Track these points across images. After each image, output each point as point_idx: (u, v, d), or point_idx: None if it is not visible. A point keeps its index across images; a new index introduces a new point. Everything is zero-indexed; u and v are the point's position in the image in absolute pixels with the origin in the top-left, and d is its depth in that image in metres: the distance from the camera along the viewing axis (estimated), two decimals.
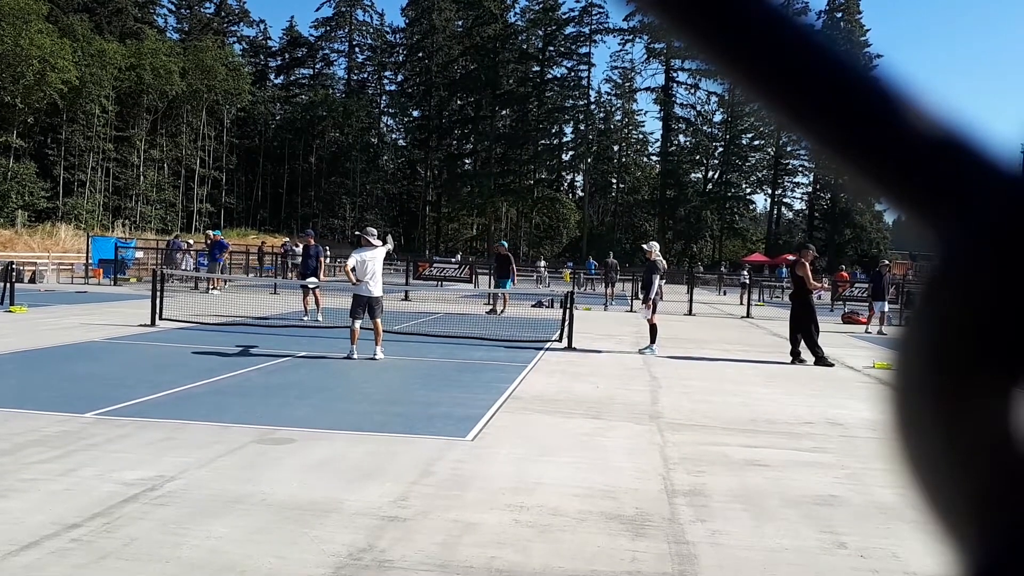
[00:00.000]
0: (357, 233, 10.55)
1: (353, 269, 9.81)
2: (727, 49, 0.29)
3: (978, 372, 0.25)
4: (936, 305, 0.27)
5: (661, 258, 11.91)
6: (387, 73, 74.48)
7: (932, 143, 0.27)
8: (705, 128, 67.59)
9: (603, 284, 26.34)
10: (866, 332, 17.60)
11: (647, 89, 69.22)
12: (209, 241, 22.83)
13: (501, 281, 18.90)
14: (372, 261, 9.83)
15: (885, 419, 0.28)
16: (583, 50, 68.64)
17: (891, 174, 0.28)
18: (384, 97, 74.02)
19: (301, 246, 17.70)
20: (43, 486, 4.31)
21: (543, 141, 69.17)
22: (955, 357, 0.26)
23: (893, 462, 0.27)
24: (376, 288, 9.81)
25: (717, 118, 67.68)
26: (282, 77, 75.40)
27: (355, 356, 9.65)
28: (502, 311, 18.11)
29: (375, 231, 10.37)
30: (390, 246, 10.35)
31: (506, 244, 20.87)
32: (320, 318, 14.30)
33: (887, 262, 18.59)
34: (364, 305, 9.77)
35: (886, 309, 17.39)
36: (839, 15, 60.25)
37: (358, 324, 9.79)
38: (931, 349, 0.26)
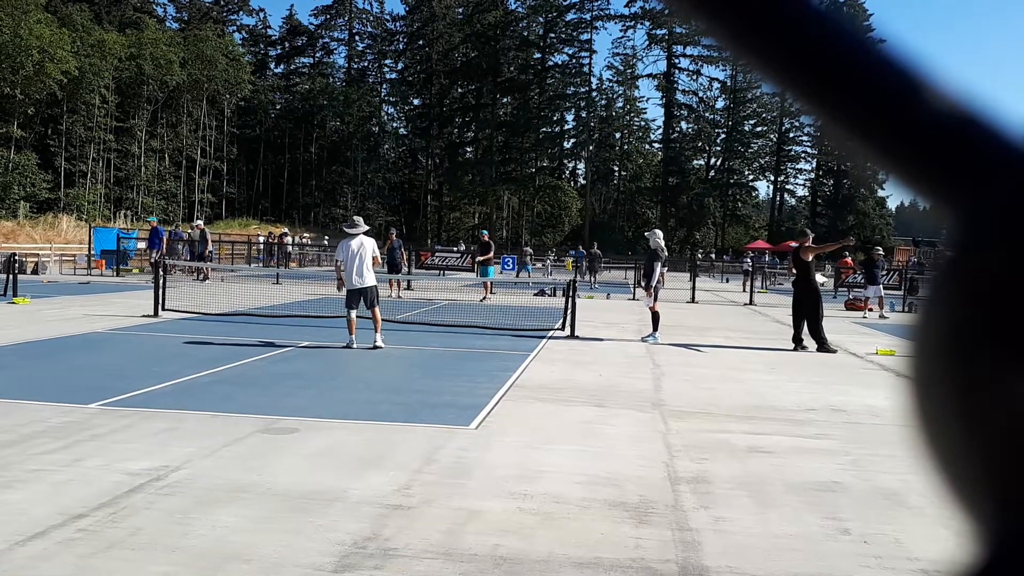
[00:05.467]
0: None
1: (338, 261, 9.85)
2: (744, 31, 0.29)
3: (996, 355, 0.25)
4: (952, 288, 0.27)
5: (663, 246, 11.89)
6: (387, 61, 74.20)
7: (949, 123, 0.27)
8: (707, 115, 67.34)
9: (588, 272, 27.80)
10: (863, 317, 17.78)
11: (649, 76, 68.96)
12: (192, 231, 23.09)
13: (483, 269, 19.18)
14: (354, 251, 9.68)
15: (903, 405, 0.28)
16: (584, 37, 68.31)
17: (907, 155, 0.28)
18: (385, 85, 73.77)
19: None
20: (48, 477, 4.33)
21: (544, 129, 68.92)
22: (972, 340, 0.25)
23: (912, 448, 0.27)
24: (366, 279, 9.72)
25: (719, 104, 67.48)
26: (282, 66, 75.12)
27: (355, 345, 9.65)
28: (483, 299, 18.30)
29: (358, 219, 10.17)
30: (363, 228, 9.95)
31: (487, 233, 21.11)
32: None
33: (879, 249, 19.34)
34: (357, 297, 9.75)
35: (881, 293, 17.95)
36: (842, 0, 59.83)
37: (354, 313, 9.78)
38: (948, 333, 0.26)
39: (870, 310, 18.81)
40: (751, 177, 68.00)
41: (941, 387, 0.26)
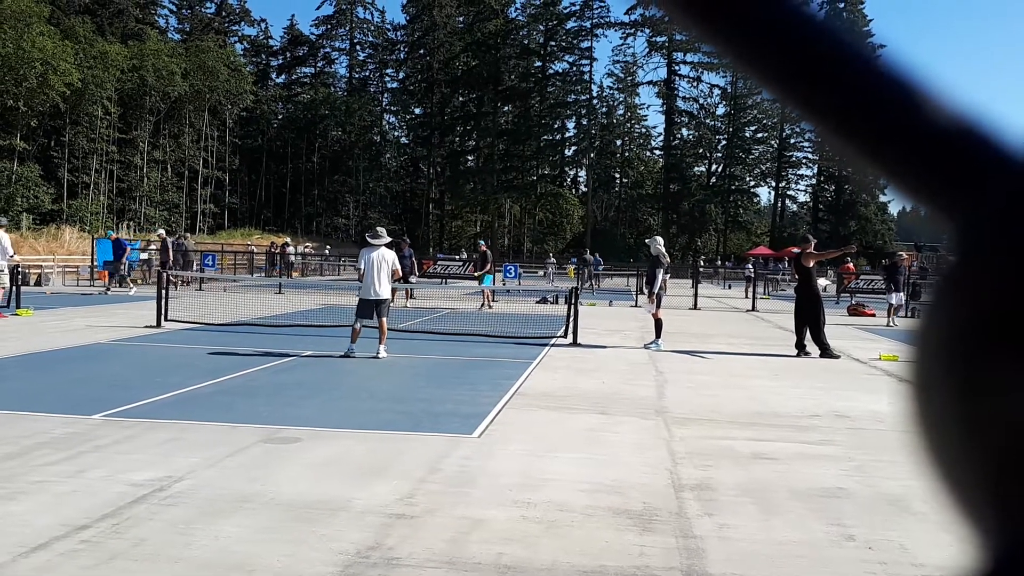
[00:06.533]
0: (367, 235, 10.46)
1: (360, 270, 9.89)
2: (741, 41, 0.29)
3: (996, 360, 0.25)
4: (952, 294, 0.27)
5: (664, 252, 11.89)
6: (389, 71, 74.54)
7: (948, 132, 0.27)
8: (708, 121, 67.49)
9: (586, 277, 29.36)
10: (887, 325, 16.93)
11: (649, 83, 69.18)
12: (159, 240, 23.23)
13: (482, 277, 19.33)
14: (375, 261, 9.76)
15: (904, 411, 0.28)
16: (584, 44, 68.59)
17: (907, 164, 0.28)
18: (386, 95, 74.06)
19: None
20: (51, 488, 4.33)
21: (545, 137, 69.07)
22: (973, 346, 0.25)
23: (915, 454, 0.27)
24: (382, 291, 9.77)
25: (720, 111, 67.64)
26: (284, 76, 75.43)
27: (355, 354, 9.64)
28: (482, 306, 18.32)
29: (381, 230, 10.32)
30: (385, 239, 10.08)
31: (484, 243, 21.26)
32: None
33: (903, 254, 18.48)
34: (370, 308, 9.75)
35: (903, 301, 17.26)
36: (841, 5, 59.99)
37: (360, 324, 9.78)
38: (948, 338, 0.26)
39: (871, 315, 18.63)
40: (752, 183, 68.08)
41: (942, 393, 0.26)
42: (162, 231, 25.44)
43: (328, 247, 48.38)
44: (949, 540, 3.80)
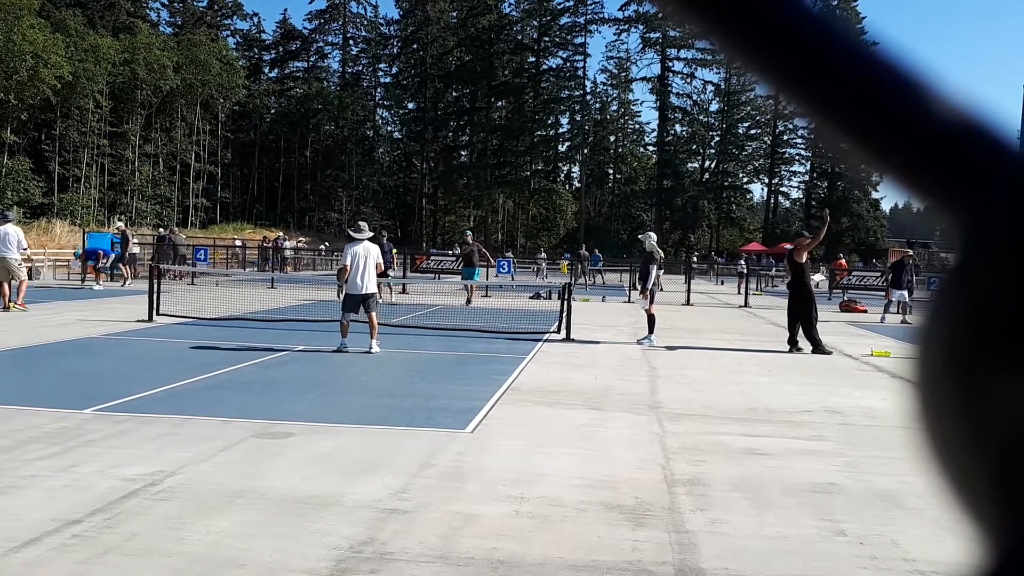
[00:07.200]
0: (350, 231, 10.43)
1: (343, 268, 9.83)
2: (739, 34, 0.29)
3: (1002, 359, 0.25)
4: (955, 292, 0.26)
5: (658, 248, 11.91)
6: (382, 65, 74.30)
7: (951, 128, 0.27)
8: (701, 117, 67.53)
9: (581, 273, 29.23)
10: (881, 322, 16.77)
11: (643, 79, 69.17)
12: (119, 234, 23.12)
13: (467, 271, 19.27)
14: (361, 256, 9.71)
15: (907, 409, 0.28)
16: (578, 40, 68.51)
17: (910, 159, 0.28)
18: (379, 89, 73.86)
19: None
20: (43, 483, 4.31)
21: (539, 132, 69.03)
22: (978, 347, 0.25)
23: (916, 452, 0.27)
24: (368, 285, 9.73)
25: (713, 107, 67.72)
26: (276, 70, 75.15)
27: (347, 349, 9.61)
28: (468, 302, 18.31)
29: (363, 224, 10.25)
30: (368, 234, 10.02)
31: (470, 235, 21.23)
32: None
33: (910, 252, 18.35)
34: (357, 303, 9.72)
35: (906, 298, 17.20)
36: (835, 1, 60.07)
37: (349, 318, 9.75)
38: (954, 337, 0.26)
39: (862, 311, 18.57)
40: (745, 180, 68.25)
41: (946, 389, 0.26)
42: (120, 224, 25.03)
43: (325, 243, 48.21)
44: (941, 535, 3.83)
